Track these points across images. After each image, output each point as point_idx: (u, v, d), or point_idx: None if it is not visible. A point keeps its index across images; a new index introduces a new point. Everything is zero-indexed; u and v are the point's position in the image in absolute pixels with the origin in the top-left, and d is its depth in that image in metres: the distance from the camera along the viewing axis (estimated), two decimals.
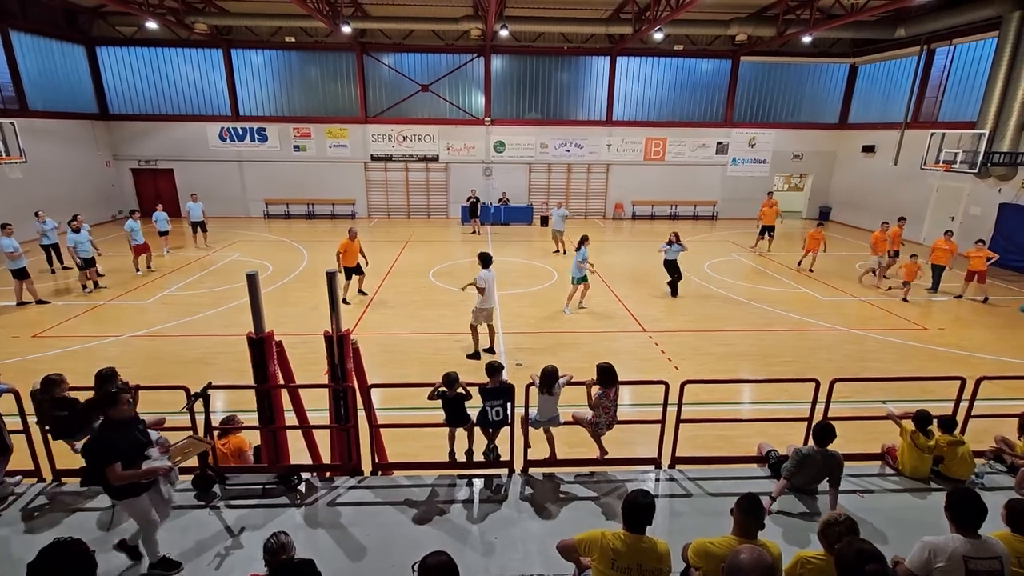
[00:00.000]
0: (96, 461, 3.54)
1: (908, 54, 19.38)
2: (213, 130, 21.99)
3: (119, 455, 3.54)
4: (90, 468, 3.75)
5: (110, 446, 3.54)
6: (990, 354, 9.39)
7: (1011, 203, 15.50)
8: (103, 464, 3.50)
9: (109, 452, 3.52)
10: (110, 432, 3.59)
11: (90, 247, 12.12)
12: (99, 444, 3.56)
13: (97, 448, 3.55)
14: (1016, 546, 3.08)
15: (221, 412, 6.72)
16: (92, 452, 3.57)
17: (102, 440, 3.57)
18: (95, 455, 3.54)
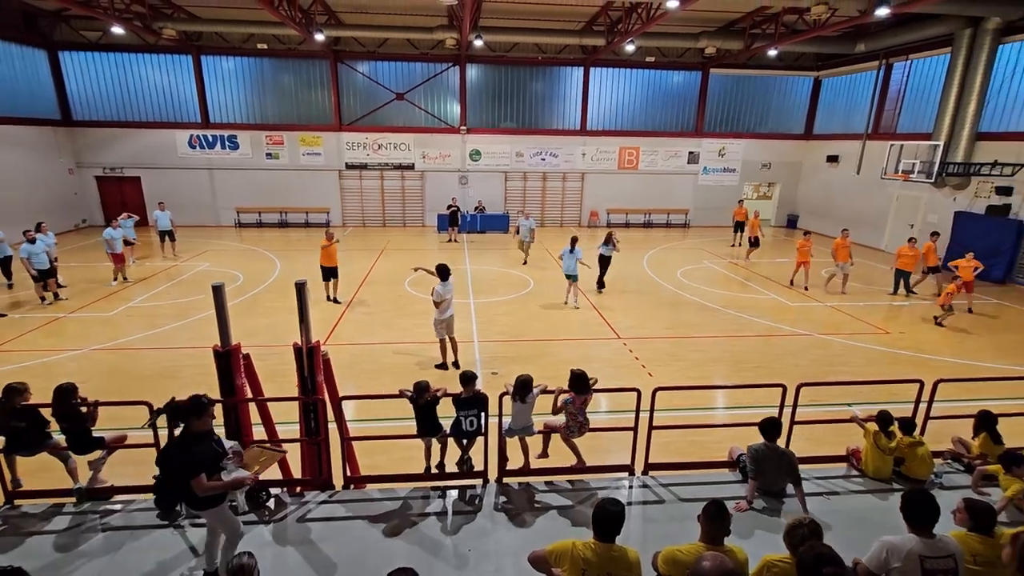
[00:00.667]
0: (182, 473, 3.50)
1: (868, 68, 20.16)
2: (182, 137, 21.53)
3: (204, 466, 3.53)
4: (172, 481, 3.71)
5: (197, 458, 3.52)
6: (948, 357, 9.76)
7: (965, 211, 16.19)
8: (190, 476, 3.48)
9: (196, 464, 3.50)
10: (194, 444, 3.55)
11: (45, 258, 11.57)
12: (184, 456, 3.52)
13: (184, 460, 3.51)
14: (971, 544, 3.20)
15: None
16: (176, 464, 3.54)
17: (187, 452, 3.52)
18: (181, 467, 3.51)
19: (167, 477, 3.80)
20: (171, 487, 3.85)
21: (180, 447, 3.57)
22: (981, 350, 10.15)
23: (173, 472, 3.63)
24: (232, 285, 13.56)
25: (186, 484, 3.50)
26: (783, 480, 4.85)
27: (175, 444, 3.66)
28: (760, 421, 4.90)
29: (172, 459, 3.61)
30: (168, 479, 3.82)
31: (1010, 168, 14.32)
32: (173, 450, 3.64)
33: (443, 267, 8.67)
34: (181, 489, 3.62)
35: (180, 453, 3.56)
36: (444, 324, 8.65)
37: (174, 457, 3.59)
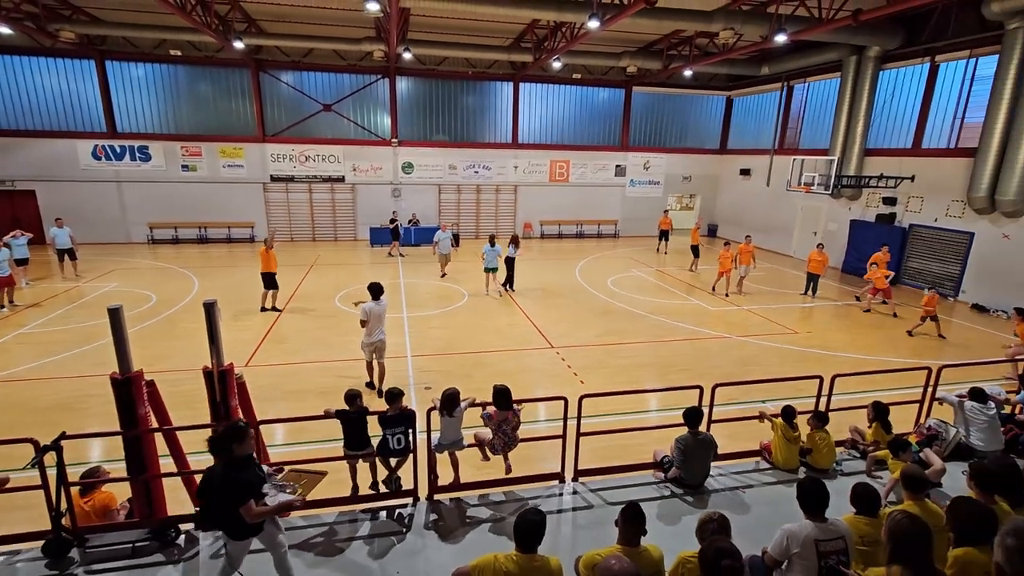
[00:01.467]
0: (231, 501, 3.42)
1: (772, 89, 21.91)
2: (85, 148, 19.88)
3: (252, 492, 3.49)
4: (217, 509, 3.57)
5: (245, 484, 3.48)
6: (850, 353, 10.66)
7: (859, 219, 17.86)
8: (240, 502, 3.42)
9: (245, 490, 3.46)
10: (240, 470, 3.51)
11: None
12: (233, 483, 3.44)
13: (233, 487, 3.44)
14: (859, 526, 3.50)
15: (93, 463, 5.99)
16: (225, 492, 3.45)
17: (235, 478, 3.45)
18: (230, 495, 3.43)
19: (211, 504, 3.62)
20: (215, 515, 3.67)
21: (225, 474, 3.49)
22: (876, 345, 11.17)
23: (220, 500, 3.50)
24: (144, 306, 12.61)
25: (232, 512, 3.43)
26: (706, 469, 5.16)
27: (219, 472, 3.54)
28: (684, 412, 5.20)
29: (219, 486, 3.50)
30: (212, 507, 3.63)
31: (893, 180, 15.95)
32: (218, 478, 3.52)
33: (374, 286, 8.28)
34: (224, 517, 3.54)
35: (227, 480, 3.47)
36: (370, 347, 8.21)
37: (221, 484, 3.49)
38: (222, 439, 3.54)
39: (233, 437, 3.53)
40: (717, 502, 5.10)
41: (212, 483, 3.53)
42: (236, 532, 3.60)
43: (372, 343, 8.17)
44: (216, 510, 3.58)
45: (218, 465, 3.59)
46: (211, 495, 3.54)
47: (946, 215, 15.13)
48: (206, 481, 3.63)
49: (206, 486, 3.60)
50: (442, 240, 16.17)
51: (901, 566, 2.66)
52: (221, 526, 3.65)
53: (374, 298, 8.17)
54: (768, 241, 22.12)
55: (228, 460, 3.53)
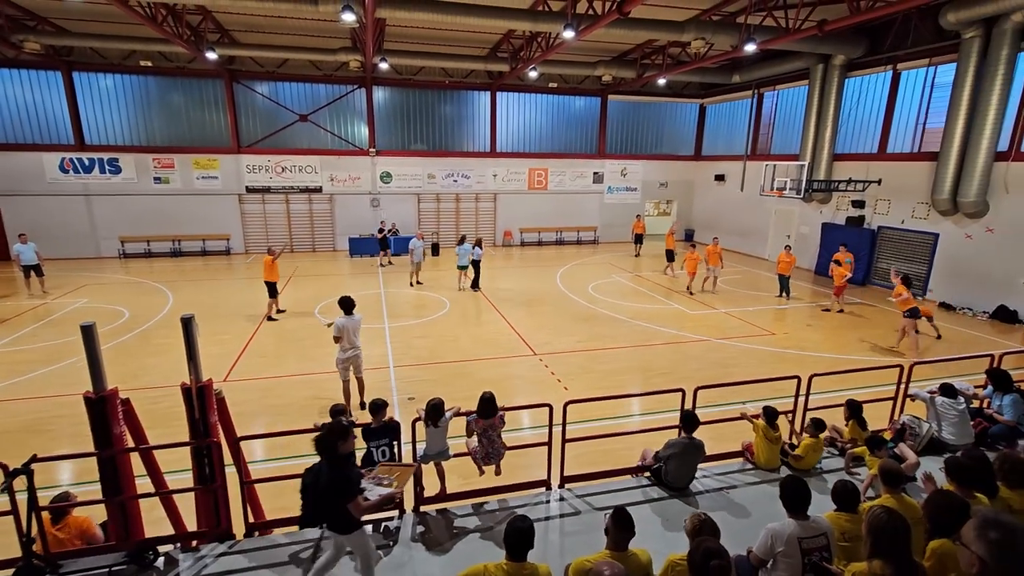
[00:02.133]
0: (339, 497, 3.60)
1: (744, 96, 22.46)
2: (52, 160, 19.34)
3: (357, 488, 3.68)
4: (324, 506, 3.73)
5: (351, 480, 3.67)
6: (825, 352, 10.91)
7: (830, 222, 18.36)
8: (348, 498, 3.60)
9: (353, 486, 3.65)
10: (346, 466, 3.70)
11: None
12: (341, 480, 3.62)
13: (341, 484, 3.61)
14: (840, 523, 3.59)
15: (64, 485, 5.79)
16: (332, 488, 3.61)
17: (342, 476, 3.63)
18: (338, 491, 3.60)
19: (317, 501, 3.75)
20: (321, 512, 3.82)
21: (331, 472, 3.64)
22: (850, 345, 11.46)
23: (327, 497, 3.65)
24: (117, 322, 12.27)
25: (339, 507, 3.61)
26: (692, 473, 5.21)
27: (325, 470, 3.67)
28: (682, 414, 5.26)
29: (326, 484, 3.63)
30: (317, 503, 3.77)
31: (861, 184, 16.47)
32: (324, 476, 3.65)
33: (345, 300, 8.00)
34: (331, 513, 3.71)
35: (334, 478, 3.62)
36: (346, 363, 7.97)
37: (328, 482, 3.63)
38: (328, 439, 3.66)
39: (339, 436, 3.68)
40: (702, 503, 5.16)
41: (318, 481, 3.67)
42: (342, 527, 3.78)
43: (347, 358, 7.92)
44: (323, 507, 3.75)
45: (322, 464, 3.73)
46: (318, 493, 3.68)
47: (912, 217, 15.65)
48: (311, 479, 3.76)
49: (311, 484, 3.73)
50: (416, 248, 16.23)
51: (882, 560, 2.73)
52: (327, 522, 3.82)
53: (346, 312, 7.90)
54: (744, 245, 22.58)
55: (332, 458, 3.67)
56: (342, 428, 3.77)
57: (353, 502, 3.63)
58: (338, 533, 3.82)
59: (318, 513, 3.83)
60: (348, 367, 8.02)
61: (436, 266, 19.63)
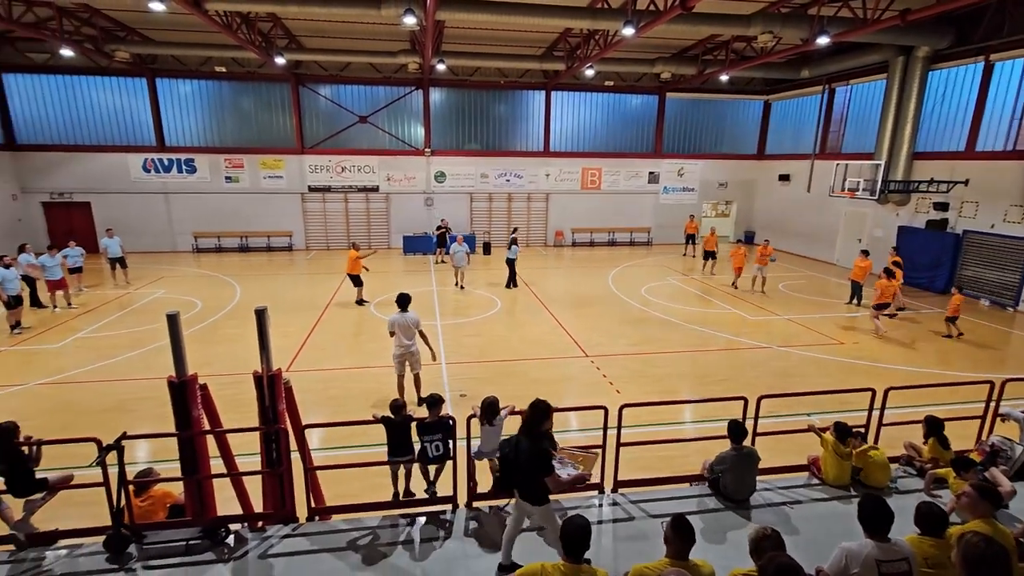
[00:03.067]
0: (538, 470, 3.88)
1: (813, 92, 21.34)
2: (136, 161, 20.88)
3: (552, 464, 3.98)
4: (522, 477, 4.03)
5: (550, 456, 3.96)
6: (900, 365, 10.21)
7: (907, 225, 17.16)
8: (546, 472, 3.88)
9: (551, 462, 3.92)
10: (545, 443, 3.99)
11: (18, 285, 11.45)
12: (542, 455, 3.90)
13: (542, 459, 3.89)
14: (923, 547, 3.32)
15: (144, 463, 6.23)
16: (533, 462, 3.89)
17: (543, 451, 3.92)
18: (538, 465, 3.88)
19: (513, 473, 4.07)
20: (518, 482, 4.10)
21: (533, 447, 3.91)
22: (928, 358, 10.67)
23: (526, 468, 3.93)
24: (190, 312, 13.10)
25: (535, 479, 3.90)
26: (750, 484, 4.99)
27: (526, 445, 3.95)
28: (728, 424, 5.07)
29: (527, 457, 3.91)
30: (514, 473, 4.07)
31: (945, 185, 15.29)
32: (524, 451, 3.94)
33: (401, 296, 8.12)
34: (528, 484, 4.00)
35: (535, 452, 3.90)
36: (400, 358, 8.05)
37: (529, 455, 3.90)
38: (536, 416, 4.01)
39: (544, 415, 4.02)
40: (764, 517, 4.92)
41: (519, 454, 3.97)
42: (535, 498, 4.01)
43: (400, 355, 8.08)
44: (520, 477, 4.04)
45: (519, 438, 4.04)
46: (517, 464, 3.97)
47: (1004, 221, 14.38)
48: (510, 451, 4.07)
49: (512, 456, 4.03)
50: (457, 253, 15.85)
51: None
52: (520, 491, 4.08)
53: (401, 309, 8.07)
54: (810, 249, 21.49)
55: (535, 434, 3.95)
56: (547, 407, 4.02)
57: (551, 476, 3.89)
58: (529, 503, 4.05)
59: (514, 482, 4.12)
60: (404, 362, 8.17)
61: (487, 265, 19.79)
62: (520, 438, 4.03)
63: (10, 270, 11.36)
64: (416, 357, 8.19)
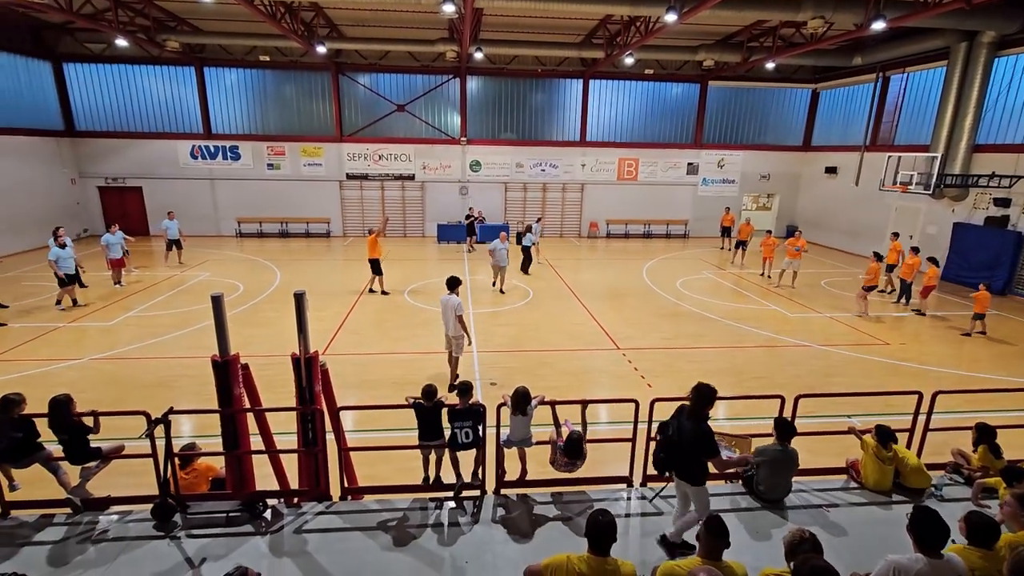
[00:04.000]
0: (701, 452, 4.04)
1: (865, 80, 20.33)
2: (184, 148, 21.67)
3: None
4: (684, 458, 4.17)
5: (715, 439, 4.09)
6: (949, 368, 9.73)
7: (964, 222, 16.24)
8: (712, 455, 4.04)
9: (717, 445, 4.08)
10: (708, 426, 4.10)
11: (73, 263, 12.09)
12: (707, 438, 4.03)
13: (707, 441, 4.02)
14: (971, 559, 3.17)
15: (187, 437, 6.53)
16: (697, 444, 4.04)
17: (708, 434, 4.04)
18: (703, 447, 4.03)
19: (676, 454, 4.22)
20: (679, 463, 4.24)
21: (698, 429, 4.04)
22: (981, 361, 10.13)
23: (691, 450, 4.08)
24: (232, 295, 13.58)
25: (697, 460, 4.07)
26: (786, 485, 4.87)
27: (689, 427, 4.07)
28: (775, 421, 4.96)
29: (691, 440, 4.04)
30: (676, 454, 4.22)
31: (1008, 180, 14.38)
32: (688, 433, 4.07)
33: (451, 279, 8.49)
34: (689, 465, 4.14)
35: (700, 435, 4.03)
36: (447, 339, 8.44)
37: (694, 438, 4.03)
38: (700, 400, 4.08)
39: (709, 400, 4.09)
40: (799, 519, 4.80)
41: (682, 436, 4.11)
42: (694, 479, 4.17)
43: (446, 335, 8.42)
44: (681, 458, 4.17)
45: (681, 420, 4.18)
46: (680, 446, 4.13)
47: None
48: (673, 432, 4.21)
49: (675, 438, 4.17)
50: (499, 250, 14.08)
51: None
52: (680, 472, 4.23)
53: (449, 290, 8.42)
54: (855, 244, 20.63)
55: (699, 418, 4.06)
56: (712, 392, 4.09)
57: (717, 458, 4.05)
58: (688, 483, 4.18)
59: (674, 462, 4.25)
60: (450, 343, 8.42)
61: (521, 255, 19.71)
62: (682, 421, 4.14)
63: (65, 249, 11.97)
64: (458, 341, 8.37)
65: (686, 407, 4.21)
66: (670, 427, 4.26)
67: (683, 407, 4.26)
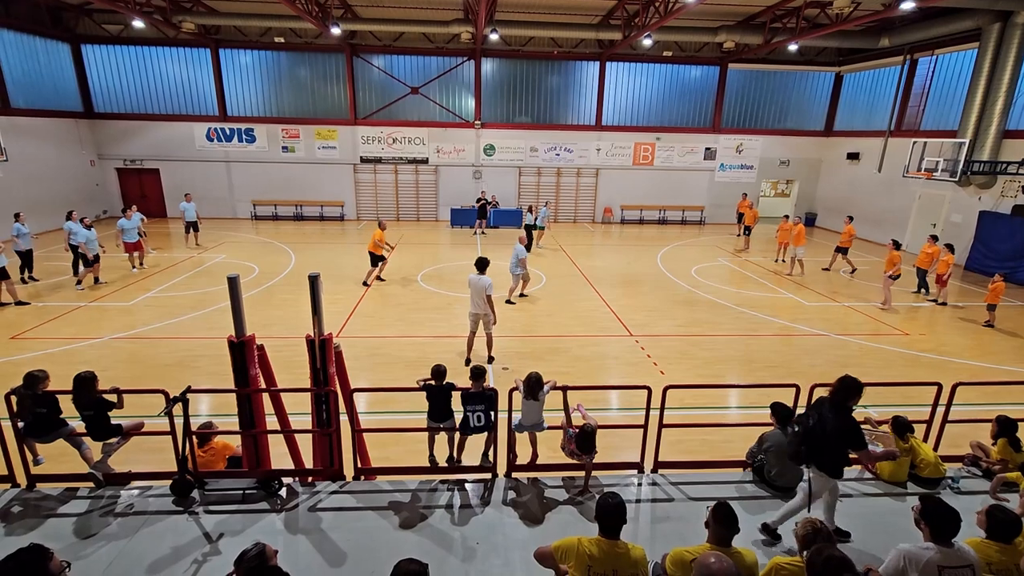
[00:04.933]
0: (848, 445, 4.00)
1: (892, 63, 19.71)
2: (200, 130, 21.79)
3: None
4: (828, 449, 4.08)
5: (862, 431, 4.07)
6: (969, 359, 9.54)
7: (991, 211, 15.79)
8: (858, 447, 3.99)
9: (864, 438, 4.05)
10: (852, 418, 4.07)
11: (97, 244, 12.52)
12: (854, 430, 4.00)
13: (854, 434, 3.99)
14: (988, 552, 3.13)
15: (205, 416, 6.67)
16: (843, 436, 3.98)
17: (855, 426, 4.03)
18: (849, 439, 3.98)
19: (817, 445, 4.11)
20: (820, 454, 4.14)
21: (843, 421, 3.99)
22: (1001, 353, 9.92)
23: (833, 440, 4.01)
24: (248, 277, 13.73)
25: (841, 452, 4.03)
26: (797, 473, 4.84)
27: (831, 416, 4.01)
28: (772, 405, 4.93)
29: (835, 431, 3.98)
30: (815, 447, 4.12)
31: None
32: (831, 422, 4.01)
33: (479, 260, 8.74)
34: (828, 455, 4.07)
35: (847, 427, 3.96)
36: (474, 316, 8.70)
37: (838, 429, 3.97)
38: (844, 392, 4.05)
39: (856, 392, 4.03)
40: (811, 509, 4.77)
41: (825, 428, 4.02)
42: (834, 470, 4.10)
43: (471, 313, 8.66)
44: (823, 449, 4.06)
45: (823, 411, 4.09)
46: (823, 437, 4.02)
47: None
48: (814, 423, 4.10)
49: (817, 429, 4.07)
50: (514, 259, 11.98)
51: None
52: (819, 463, 4.11)
53: (478, 271, 8.61)
54: (876, 233, 20.19)
55: (844, 409, 4.01)
56: (858, 385, 4.03)
57: (864, 451, 4.00)
58: (828, 474, 4.09)
59: (814, 453, 4.14)
60: (476, 321, 8.68)
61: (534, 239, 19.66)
62: (823, 413, 4.04)
63: (91, 230, 12.32)
64: (488, 319, 8.64)
65: (825, 399, 4.12)
66: (810, 418, 4.17)
67: (822, 399, 4.16)
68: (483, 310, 8.54)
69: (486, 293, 8.43)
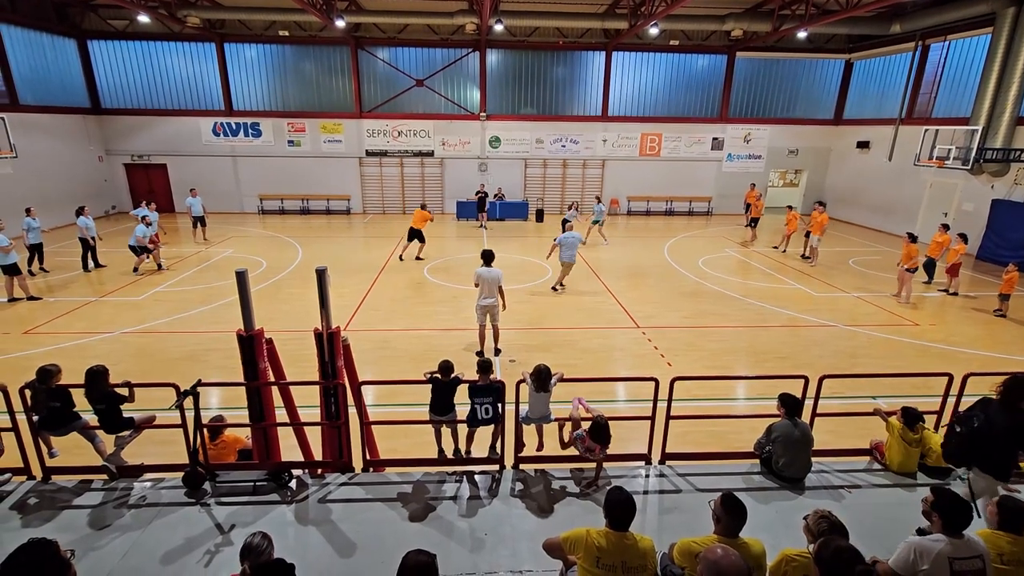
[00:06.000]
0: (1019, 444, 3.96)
1: (903, 50, 19.40)
2: (206, 125, 21.85)
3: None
4: (991, 449, 4.05)
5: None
6: (979, 350, 9.45)
7: (1004, 199, 15.57)
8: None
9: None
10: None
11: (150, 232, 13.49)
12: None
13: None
14: (999, 543, 3.11)
15: (215, 409, 6.73)
16: (1018, 438, 3.96)
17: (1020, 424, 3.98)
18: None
19: (985, 446, 4.08)
20: (981, 452, 4.11)
21: (1014, 419, 3.93)
22: (1015, 343, 9.81)
23: (1003, 441, 3.97)
24: (256, 271, 13.81)
25: (1014, 454, 3.99)
26: (805, 463, 4.82)
27: (1000, 417, 3.96)
28: (780, 395, 4.90)
29: (1005, 430, 3.94)
30: (984, 448, 4.10)
31: None
32: (1001, 423, 3.93)
33: (485, 252, 8.80)
34: (995, 455, 4.01)
35: (1020, 426, 3.91)
36: (483, 310, 8.71)
37: (1013, 430, 3.93)
38: (1020, 392, 3.97)
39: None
40: (819, 500, 4.76)
41: (994, 429, 3.96)
42: (1003, 473, 4.01)
43: (484, 306, 8.65)
44: (994, 452, 3.99)
45: (994, 414, 4.00)
46: (992, 438, 3.96)
47: None
48: (981, 424, 4.04)
49: (985, 430, 4.01)
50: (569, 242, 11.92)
51: None
52: (985, 465, 4.04)
53: (486, 264, 8.62)
54: (886, 222, 20.00)
55: (1017, 410, 3.91)
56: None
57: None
58: (993, 476, 4.00)
59: (978, 455, 4.03)
60: (485, 314, 8.69)
61: (540, 232, 19.66)
62: (990, 414, 3.91)
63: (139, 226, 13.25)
64: (496, 310, 8.70)
65: (990, 399, 4.00)
66: (975, 419, 4.01)
67: (986, 399, 4.04)
68: (496, 301, 8.63)
69: (499, 284, 8.58)
